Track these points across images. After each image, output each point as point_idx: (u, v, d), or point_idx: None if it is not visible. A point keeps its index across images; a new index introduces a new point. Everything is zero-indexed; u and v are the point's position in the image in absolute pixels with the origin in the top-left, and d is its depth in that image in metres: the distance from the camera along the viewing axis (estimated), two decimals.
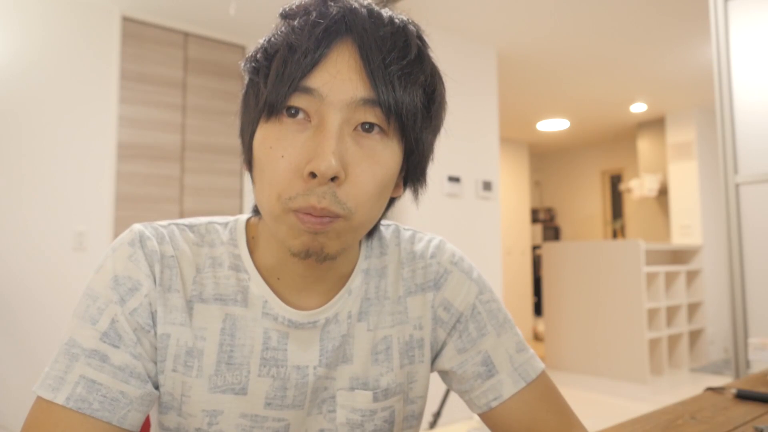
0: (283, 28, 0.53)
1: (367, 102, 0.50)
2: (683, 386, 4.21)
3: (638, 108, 5.24)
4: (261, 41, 0.55)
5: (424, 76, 0.54)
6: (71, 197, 2.84)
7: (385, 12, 0.55)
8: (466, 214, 3.50)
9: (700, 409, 0.96)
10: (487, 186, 3.62)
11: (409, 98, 0.52)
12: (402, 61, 0.52)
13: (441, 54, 0.58)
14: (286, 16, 0.54)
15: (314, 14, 0.52)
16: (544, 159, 7.84)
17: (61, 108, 2.84)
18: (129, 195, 3.05)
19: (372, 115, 0.51)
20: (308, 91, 0.50)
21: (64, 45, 2.87)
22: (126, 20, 3.09)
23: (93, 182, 2.91)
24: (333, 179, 0.49)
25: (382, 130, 0.52)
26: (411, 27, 0.55)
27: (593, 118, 5.68)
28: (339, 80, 0.50)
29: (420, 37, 0.56)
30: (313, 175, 0.49)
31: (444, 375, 0.70)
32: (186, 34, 3.31)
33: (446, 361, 0.67)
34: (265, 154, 0.52)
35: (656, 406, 1.94)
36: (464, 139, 3.52)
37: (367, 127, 0.52)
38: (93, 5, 2.96)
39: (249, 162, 0.56)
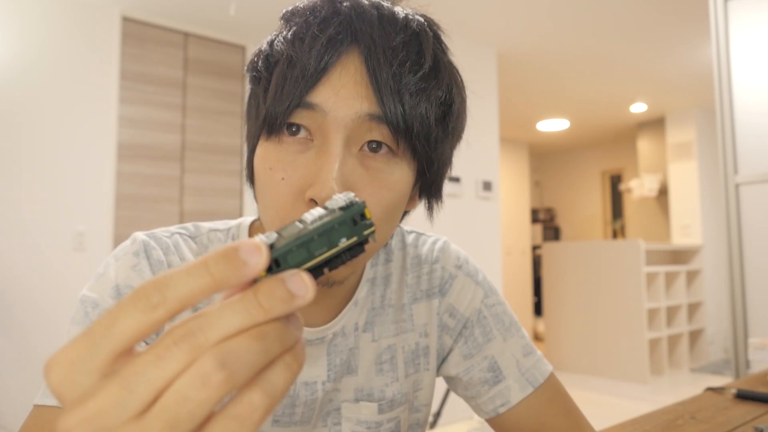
0: (285, 34, 0.48)
1: (373, 118, 0.46)
2: (683, 386, 4.21)
3: (638, 108, 5.23)
4: (263, 45, 0.51)
5: (440, 89, 0.49)
6: (71, 197, 2.84)
7: (400, 12, 0.49)
8: (466, 214, 3.50)
9: (700, 409, 0.95)
10: (487, 186, 3.62)
11: (421, 115, 0.47)
12: (415, 74, 0.47)
13: None
14: (288, 19, 0.50)
15: (317, 19, 0.47)
16: (544, 159, 7.83)
17: (61, 108, 2.84)
18: (129, 195, 3.05)
19: (378, 134, 0.47)
20: (310, 106, 0.46)
21: (64, 45, 2.87)
22: (126, 20, 3.09)
23: (93, 182, 2.91)
24: None
25: (390, 150, 0.48)
26: (428, 32, 0.50)
27: (593, 118, 5.68)
28: (343, 95, 0.46)
29: (439, 42, 0.51)
30: (314, 201, 0.45)
31: (450, 381, 0.68)
32: (186, 34, 3.31)
33: (452, 367, 0.66)
34: (266, 175, 0.48)
35: (656, 406, 1.94)
36: (464, 139, 3.51)
37: (374, 146, 0.47)
38: (93, 5, 2.96)
39: (251, 178, 0.53)
